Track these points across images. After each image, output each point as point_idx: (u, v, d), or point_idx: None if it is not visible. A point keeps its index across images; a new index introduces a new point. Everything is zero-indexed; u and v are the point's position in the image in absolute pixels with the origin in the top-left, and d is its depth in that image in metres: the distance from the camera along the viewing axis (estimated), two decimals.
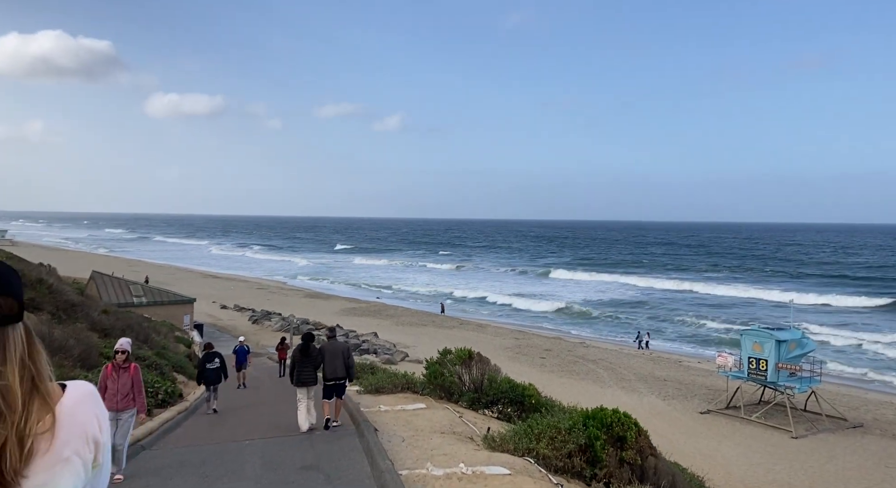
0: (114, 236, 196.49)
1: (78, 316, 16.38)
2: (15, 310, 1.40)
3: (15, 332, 1.40)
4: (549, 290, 74.19)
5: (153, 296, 40.97)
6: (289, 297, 65.40)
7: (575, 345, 41.77)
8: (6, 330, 1.38)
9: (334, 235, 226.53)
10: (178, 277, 77.60)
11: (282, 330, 45.50)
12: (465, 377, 15.37)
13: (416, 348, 38.86)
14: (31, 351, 1.41)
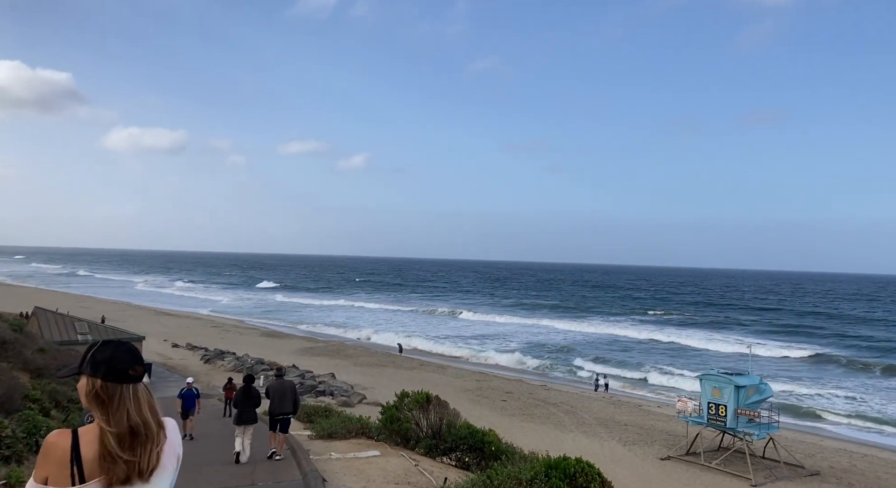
0: (39, 270, 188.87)
1: (7, 354, 15.26)
2: (142, 373, 2.32)
3: (143, 386, 2.29)
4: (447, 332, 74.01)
5: (99, 334, 39.11)
6: (244, 336, 63.47)
7: (536, 388, 41.27)
8: (140, 385, 2.27)
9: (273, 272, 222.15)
10: (129, 314, 74.80)
11: (235, 369, 43.85)
12: (423, 422, 14.76)
13: (375, 390, 37.80)
14: (152, 398, 2.31)
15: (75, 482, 2.06)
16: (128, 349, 2.33)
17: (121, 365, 2.23)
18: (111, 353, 2.25)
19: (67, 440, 2.11)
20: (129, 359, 2.26)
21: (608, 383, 42.63)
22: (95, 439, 2.13)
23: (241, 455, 11.95)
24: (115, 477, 2.08)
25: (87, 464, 2.08)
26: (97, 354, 2.25)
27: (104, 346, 2.30)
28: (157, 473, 2.17)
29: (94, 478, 2.07)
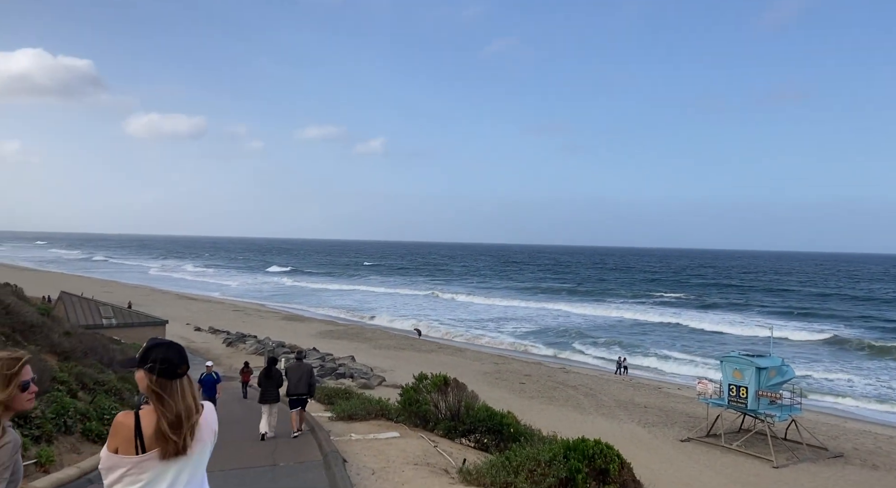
0: (59, 256, 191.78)
1: (36, 337, 15.59)
2: (187, 370, 2.85)
3: (187, 378, 2.84)
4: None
5: (124, 318, 39.85)
6: (266, 319, 64.24)
7: (555, 371, 41.30)
8: (185, 378, 2.83)
9: (288, 257, 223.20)
10: (152, 298, 75.99)
11: (257, 352, 44.45)
12: (442, 404, 14.83)
13: (394, 372, 38.11)
14: (193, 387, 2.88)
15: (138, 452, 2.70)
16: (177, 350, 2.89)
17: (171, 363, 2.80)
18: (164, 354, 2.81)
19: (131, 420, 2.74)
20: (178, 359, 2.83)
21: (627, 366, 42.50)
22: (152, 420, 2.73)
23: (268, 431, 12.67)
24: (167, 451, 2.71)
25: (147, 439, 2.71)
26: (152, 353, 2.80)
27: (158, 347, 2.84)
28: (197, 447, 2.81)
29: (152, 450, 2.70)
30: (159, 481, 2.72)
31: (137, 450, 2.69)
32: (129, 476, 2.68)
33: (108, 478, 2.72)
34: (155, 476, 2.70)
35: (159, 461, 2.71)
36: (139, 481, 2.69)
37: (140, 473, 2.69)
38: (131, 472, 2.68)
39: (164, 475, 2.72)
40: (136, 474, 2.68)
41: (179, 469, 2.76)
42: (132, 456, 2.68)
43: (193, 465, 2.81)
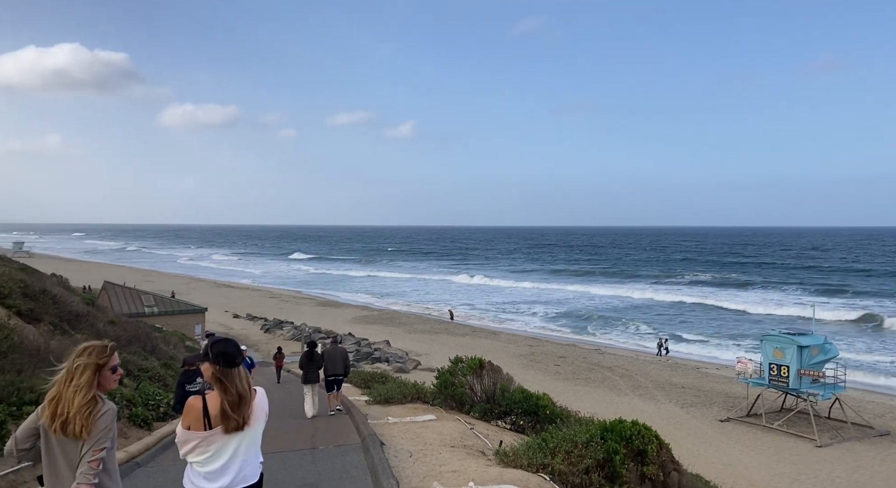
0: (95, 247, 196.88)
1: (81, 326, 16.10)
2: (241, 360, 3.46)
3: (242, 367, 3.47)
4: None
5: (164, 306, 40.86)
6: (301, 306, 65.22)
7: (590, 352, 41.08)
8: (241, 367, 3.47)
9: (314, 244, 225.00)
10: (192, 287, 77.75)
11: (294, 338, 45.22)
12: (477, 387, 14.86)
13: (429, 356, 38.39)
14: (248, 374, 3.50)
15: (206, 428, 3.38)
16: (233, 344, 3.53)
17: (230, 355, 3.46)
18: (223, 348, 3.46)
19: (200, 403, 3.42)
20: (234, 352, 3.49)
21: (668, 347, 41.88)
22: (217, 402, 3.40)
23: (310, 410, 13.66)
24: (229, 427, 3.40)
25: (213, 417, 3.39)
26: (215, 348, 3.45)
27: (218, 343, 3.50)
28: (253, 424, 3.50)
29: (217, 426, 3.39)
30: (224, 451, 3.45)
31: (205, 427, 3.39)
32: (200, 447, 3.41)
33: (183, 449, 3.46)
34: (220, 447, 3.43)
35: (223, 435, 3.42)
36: (207, 451, 3.42)
37: (208, 445, 3.41)
38: (201, 445, 3.40)
39: (227, 446, 3.45)
40: (204, 446, 3.41)
41: (239, 441, 3.48)
42: (201, 431, 3.39)
43: (250, 438, 3.55)
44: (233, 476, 3.46)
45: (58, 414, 3.15)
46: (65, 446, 3.18)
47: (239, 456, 3.47)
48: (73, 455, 3.16)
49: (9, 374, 8.26)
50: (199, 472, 3.43)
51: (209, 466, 3.42)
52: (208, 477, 3.43)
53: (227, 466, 3.44)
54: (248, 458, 3.54)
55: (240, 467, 3.48)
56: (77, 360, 3.29)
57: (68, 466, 3.16)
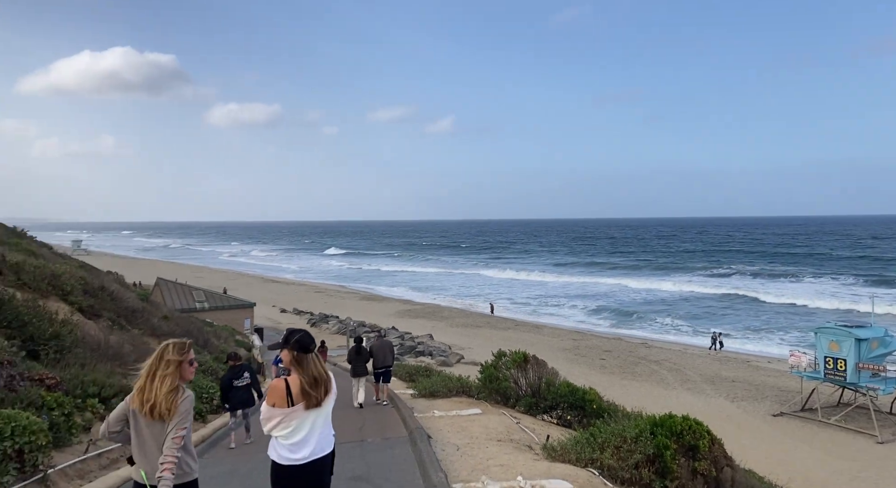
0: (140, 244, 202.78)
1: (138, 322, 16.68)
2: (315, 348, 4.12)
3: (316, 354, 4.11)
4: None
5: (214, 301, 41.98)
6: (346, 300, 66.12)
7: (636, 346, 40.46)
8: (314, 354, 4.10)
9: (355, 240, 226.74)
10: (240, 282, 79.64)
11: (339, 332, 45.88)
12: (522, 381, 14.81)
13: (472, 350, 38.44)
14: (321, 360, 4.14)
15: (289, 406, 3.98)
16: (307, 334, 4.16)
17: (305, 344, 4.09)
18: (300, 337, 4.09)
19: (283, 384, 4.02)
20: (308, 341, 4.12)
21: (722, 341, 40.62)
22: (297, 383, 4.01)
23: (361, 401, 14.27)
24: (309, 404, 4.01)
25: (294, 396, 4.00)
26: (292, 337, 4.07)
27: (294, 332, 4.13)
28: (326, 402, 4.13)
29: (299, 403, 3.99)
30: (304, 425, 4.04)
31: (288, 404, 3.98)
32: (283, 422, 4.01)
33: (268, 425, 4.05)
34: (300, 422, 4.02)
35: (303, 411, 4.02)
36: (290, 426, 4.01)
37: (290, 420, 4.00)
38: (284, 420, 4.00)
39: (306, 421, 4.05)
40: (287, 421, 4.00)
41: (316, 416, 4.08)
42: (285, 408, 3.99)
43: (325, 414, 4.16)
44: (312, 447, 4.06)
45: (146, 400, 3.78)
46: (152, 427, 3.80)
47: (316, 430, 4.09)
48: (158, 434, 3.78)
49: (73, 368, 8.63)
50: (283, 444, 4.03)
51: (292, 439, 4.02)
52: (292, 449, 4.01)
53: (307, 438, 4.05)
54: (324, 431, 4.16)
55: (318, 439, 4.10)
56: (163, 355, 3.93)
57: (155, 444, 3.78)
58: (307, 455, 4.02)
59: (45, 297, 12.61)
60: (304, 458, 4.01)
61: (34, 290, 12.62)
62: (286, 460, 4.01)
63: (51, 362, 8.79)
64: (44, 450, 6.12)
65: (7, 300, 9.14)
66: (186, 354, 4.00)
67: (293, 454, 4.00)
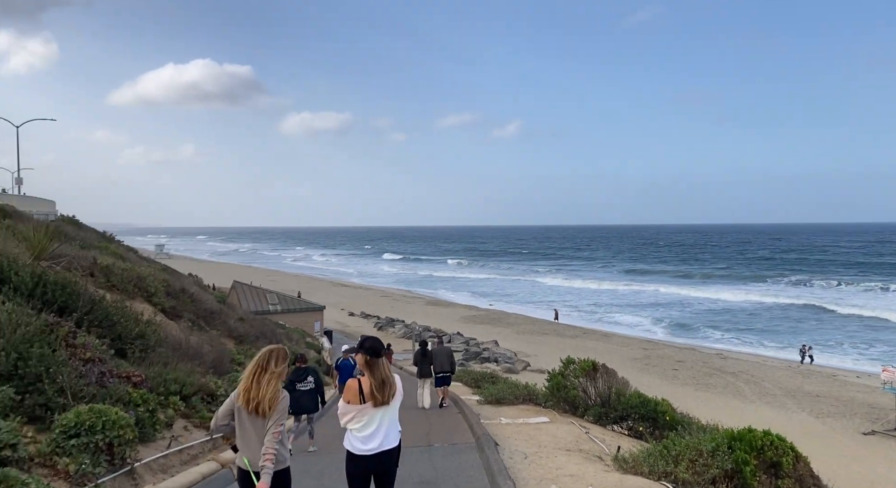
0: (212, 248, 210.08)
1: (215, 323, 17.39)
2: (383, 353, 4.77)
3: (384, 358, 4.76)
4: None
5: (287, 304, 43.28)
6: (411, 305, 66.78)
7: (710, 357, 38.94)
8: (383, 358, 4.74)
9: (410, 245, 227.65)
10: (311, 286, 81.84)
11: (405, 336, 46.36)
12: (591, 390, 14.50)
13: (538, 357, 38.01)
14: (389, 364, 4.85)
15: (361, 403, 4.61)
16: (378, 341, 4.85)
17: (376, 349, 4.73)
18: (371, 343, 4.77)
19: (356, 384, 4.67)
20: (378, 346, 4.77)
21: (812, 355, 38.19)
22: (367, 383, 4.64)
23: (425, 401, 14.78)
24: (377, 402, 4.62)
25: (366, 395, 4.62)
26: (365, 343, 4.77)
27: (367, 339, 4.84)
28: (393, 401, 4.73)
29: (369, 401, 4.61)
30: (373, 421, 4.65)
31: (360, 402, 4.61)
32: (356, 417, 4.64)
33: (344, 419, 4.71)
34: (371, 417, 4.64)
35: (372, 408, 4.62)
36: (362, 421, 4.64)
37: (362, 416, 4.63)
38: (357, 415, 4.64)
39: (375, 417, 4.65)
40: (359, 416, 4.63)
41: (383, 414, 4.68)
42: (357, 405, 4.62)
43: (392, 411, 4.76)
44: (380, 440, 4.65)
45: (251, 399, 4.35)
46: (254, 422, 4.38)
47: (384, 425, 4.68)
48: (259, 428, 4.36)
49: (156, 366, 9.06)
50: (357, 436, 4.67)
51: (364, 432, 4.65)
52: (363, 441, 4.64)
53: (376, 432, 4.64)
54: (390, 427, 4.76)
55: (385, 433, 4.68)
56: (268, 362, 4.49)
57: (256, 436, 4.37)
58: (375, 447, 4.63)
59: (132, 298, 13.34)
60: (372, 449, 4.63)
61: (122, 292, 13.37)
62: (358, 450, 4.64)
63: (136, 360, 9.27)
64: (131, 445, 6.45)
65: (98, 301, 9.71)
66: (286, 361, 4.60)
67: (364, 445, 4.63)
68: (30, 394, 6.42)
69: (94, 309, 9.36)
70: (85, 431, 6.00)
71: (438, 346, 15.80)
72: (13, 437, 5.42)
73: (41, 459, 5.68)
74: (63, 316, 8.56)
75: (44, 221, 22.49)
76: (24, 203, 30.06)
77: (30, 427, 6.12)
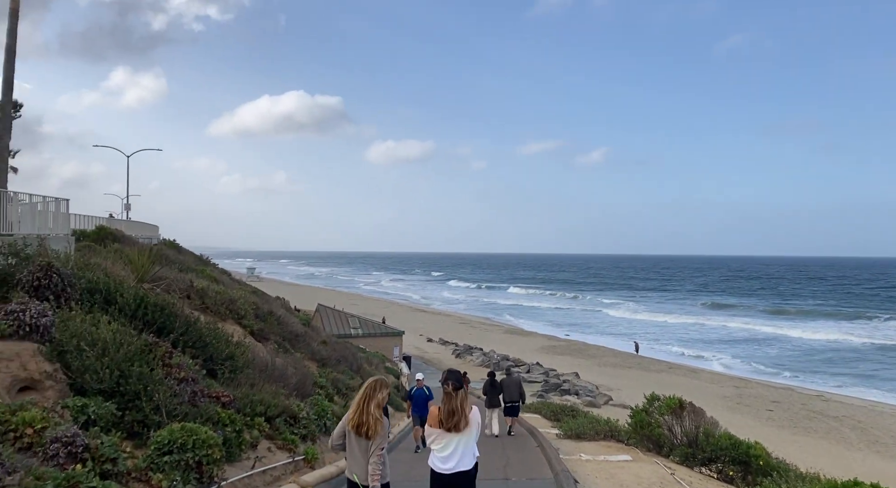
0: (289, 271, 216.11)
1: (300, 345, 17.93)
2: (460, 386, 5.43)
3: (462, 391, 5.45)
4: None
5: (367, 328, 44.10)
6: (490, 332, 66.38)
7: (810, 398, 36.32)
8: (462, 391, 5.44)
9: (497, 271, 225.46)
10: (390, 311, 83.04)
11: (483, 365, 46.04)
12: (677, 428, 13.84)
13: (620, 391, 36.72)
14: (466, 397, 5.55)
15: (440, 427, 5.32)
16: (455, 374, 5.52)
17: (455, 382, 5.39)
18: (452, 377, 5.44)
19: (437, 410, 5.40)
20: (458, 379, 5.44)
21: None
22: (445, 410, 5.31)
23: (495, 429, 15.01)
24: (451, 428, 5.28)
25: (445, 420, 5.28)
26: (449, 376, 5.46)
27: (450, 373, 5.55)
28: (467, 430, 5.33)
29: (443, 427, 5.28)
30: (450, 444, 5.31)
31: (439, 426, 5.31)
32: (437, 440, 5.36)
33: (428, 440, 5.47)
34: (447, 441, 5.32)
35: (447, 433, 5.29)
36: (441, 443, 5.34)
37: (441, 439, 5.33)
38: (437, 438, 5.36)
39: (451, 441, 5.31)
40: (439, 439, 5.34)
41: (459, 439, 5.31)
42: (436, 429, 5.34)
43: (467, 438, 5.35)
44: (456, 461, 5.27)
45: (360, 424, 5.15)
46: (360, 443, 5.18)
47: (459, 449, 5.30)
48: (365, 449, 5.16)
49: (244, 387, 9.41)
50: (437, 456, 5.36)
51: (442, 453, 5.32)
52: (441, 460, 5.32)
53: (452, 454, 5.29)
54: (465, 452, 5.33)
55: (460, 457, 5.29)
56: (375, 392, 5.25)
57: (363, 455, 5.16)
58: (452, 467, 5.27)
59: (224, 320, 13.98)
60: (449, 469, 5.27)
61: (215, 314, 14.06)
62: (438, 468, 5.33)
63: (225, 381, 9.66)
64: (218, 464, 6.69)
65: (193, 322, 10.24)
66: (387, 390, 5.38)
67: (442, 464, 5.30)
68: (129, 411, 6.81)
69: (189, 330, 9.87)
70: (177, 449, 6.29)
71: (508, 377, 16.26)
72: (114, 452, 5.75)
73: (137, 474, 5.99)
74: (161, 336, 9.07)
75: (147, 245, 24.08)
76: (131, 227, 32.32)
77: (128, 442, 6.48)
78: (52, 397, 6.42)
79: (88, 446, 5.58)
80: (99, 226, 24.76)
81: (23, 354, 6.61)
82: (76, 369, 6.89)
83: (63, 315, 7.73)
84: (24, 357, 6.60)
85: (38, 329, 7.03)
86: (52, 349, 6.98)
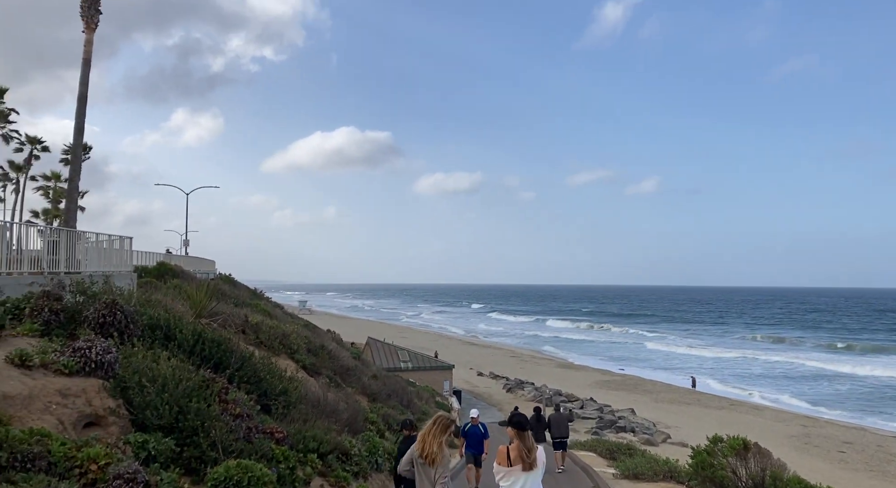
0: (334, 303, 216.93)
1: (350, 380, 18.01)
2: (527, 427, 6.11)
3: (529, 433, 6.09)
4: None
5: (417, 362, 44.00)
6: (541, 366, 65.23)
7: (886, 439, 34.13)
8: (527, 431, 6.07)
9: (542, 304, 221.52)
10: (440, 344, 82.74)
11: (534, 399, 45.17)
12: (741, 471, 13.19)
13: (679, 429, 35.33)
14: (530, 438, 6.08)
15: (508, 465, 5.83)
16: (522, 416, 6.19)
17: (521, 424, 5.98)
18: (517, 419, 6.02)
19: (505, 449, 5.90)
20: (524, 422, 6.05)
21: None
22: (515, 449, 5.84)
23: None
24: (522, 466, 5.79)
25: (513, 459, 5.82)
26: (513, 419, 6.05)
27: (515, 415, 6.17)
28: (536, 469, 5.85)
29: (516, 465, 5.81)
30: (518, 481, 5.82)
31: (508, 464, 5.81)
32: (505, 477, 5.83)
33: (497, 477, 5.89)
34: (516, 478, 5.81)
35: (520, 471, 5.79)
36: (509, 480, 5.83)
37: (510, 476, 5.82)
38: (506, 475, 5.82)
39: (520, 478, 5.80)
40: (507, 476, 5.82)
41: (527, 477, 5.80)
42: (505, 467, 5.83)
43: (534, 476, 5.86)
44: None
45: (426, 454, 5.92)
46: (425, 469, 5.96)
47: (527, 486, 5.82)
48: (429, 474, 5.95)
49: (297, 423, 9.46)
50: None
51: None
52: None
53: None
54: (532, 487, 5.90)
55: None
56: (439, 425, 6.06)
57: (428, 481, 5.91)
58: None
59: (277, 355, 14.20)
60: None
61: (268, 348, 14.30)
62: None
63: (279, 416, 9.74)
64: None
65: (248, 357, 10.43)
66: (452, 425, 6.06)
67: None
68: (187, 447, 6.93)
69: (245, 365, 10.04)
70: (233, 486, 6.34)
71: (556, 413, 16.52)
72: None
73: None
74: (217, 371, 9.25)
75: (205, 280, 24.83)
76: (189, 263, 33.47)
77: (186, 478, 6.58)
78: (115, 433, 6.60)
79: (149, 482, 5.70)
80: (159, 262, 25.72)
81: (88, 390, 6.85)
82: (137, 405, 7.09)
83: (126, 351, 7.99)
84: (90, 393, 6.83)
85: (103, 365, 7.28)
86: (116, 385, 7.21)
